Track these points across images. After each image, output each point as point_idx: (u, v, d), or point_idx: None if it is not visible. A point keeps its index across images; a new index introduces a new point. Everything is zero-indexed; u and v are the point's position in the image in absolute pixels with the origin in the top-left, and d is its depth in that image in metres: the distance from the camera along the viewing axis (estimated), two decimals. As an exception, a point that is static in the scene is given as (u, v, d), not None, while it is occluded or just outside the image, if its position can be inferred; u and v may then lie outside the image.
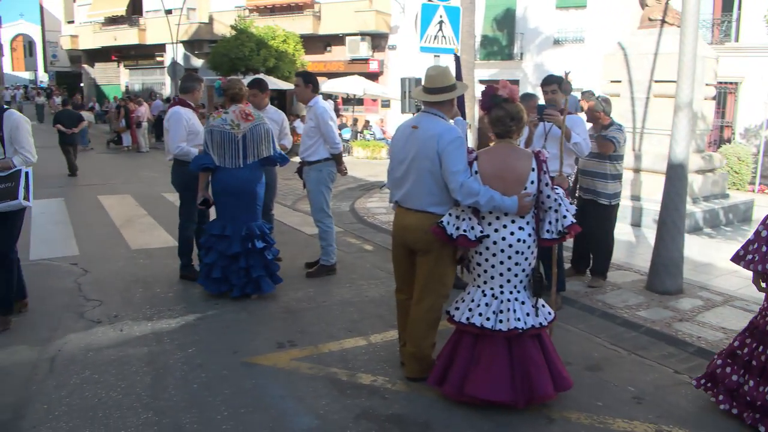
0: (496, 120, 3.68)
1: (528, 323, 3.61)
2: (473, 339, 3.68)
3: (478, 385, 3.56)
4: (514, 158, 3.64)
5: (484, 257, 3.66)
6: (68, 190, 11.37)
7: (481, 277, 3.72)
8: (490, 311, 3.62)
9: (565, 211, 3.62)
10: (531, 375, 3.58)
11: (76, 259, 6.76)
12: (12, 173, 4.59)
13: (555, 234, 3.64)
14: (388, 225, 8.79)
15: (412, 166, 3.85)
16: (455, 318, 3.75)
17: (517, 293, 3.67)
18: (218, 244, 5.43)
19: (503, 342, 3.60)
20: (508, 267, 3.63)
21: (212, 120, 5.43)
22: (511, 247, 3.59)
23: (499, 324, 3.58)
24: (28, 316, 5.05)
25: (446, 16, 8.68)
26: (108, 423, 3.45)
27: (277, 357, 4.36)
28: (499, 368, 3.57)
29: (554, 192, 3.63)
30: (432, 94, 3.89)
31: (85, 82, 40.55)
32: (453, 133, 3.75)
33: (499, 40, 21.95)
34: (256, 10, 26.92)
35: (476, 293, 3.72)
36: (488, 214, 3.64)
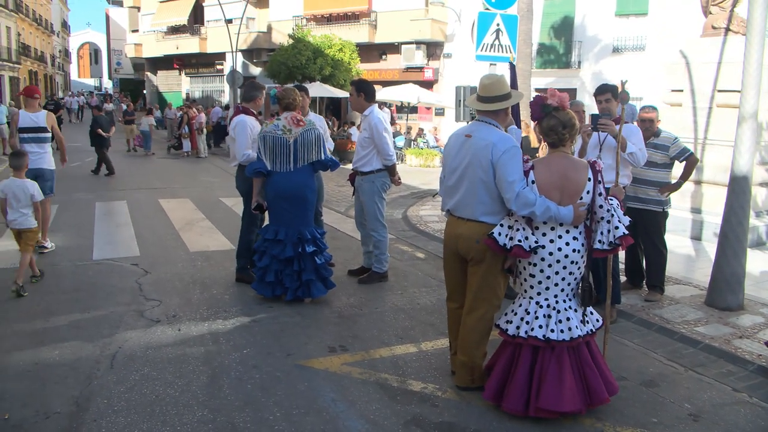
0: (549, 129, 3.65)
1: (583, 330, 3.60)
2: (533, 352, 3.64)
3: (551, 399, 3.49)
4: (571, 169, 3.60)
5: (539, 268, 3.62)
6: (130, 194, 11.79)
7: (534, 288, 3.68)
8: (553, 322, 3.58)
9: (617, 222, 3.56)
10: (589, 380, 3.58)
11: (137, 260, 7.00)
12: None
13: (606, 245, 3.59)
14: (441, 233, 8.78)
15: (465, 175, 3.85)
16: (509, 332, 3.69)
17: (570, 301, 3.65)
18: (272, 248, 5.55)
19: (566, 352, 3.58)
20: (563, 277, 3.60)
21: (265, 126, 5.58)
22: (566, 258, 3.56)
23: (562, 334, 3.56)
24: (91, 313, 5.27)
25: (503, 24, 8.64)
26: (165, 419, 3.56)
27: (329, 361, 4.42)
28: (569, 379, 3.53)
29: (608, 203, 3.59)
30: (486, 102, 3.87)
31: (148, 89, 41.99)
32: (508, 143, 3.72)
33: (556, 48, 21.68)
34: (313, 19, 27.37)
35: (530, 305, 3.68)
36: (542, 224, 3.61)
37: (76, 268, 6.66)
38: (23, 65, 43.67)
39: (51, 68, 56.93)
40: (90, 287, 5.98)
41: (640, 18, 19.51)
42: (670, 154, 5.89)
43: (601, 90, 5.49)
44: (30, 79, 46.99)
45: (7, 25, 39.19)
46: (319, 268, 5.61)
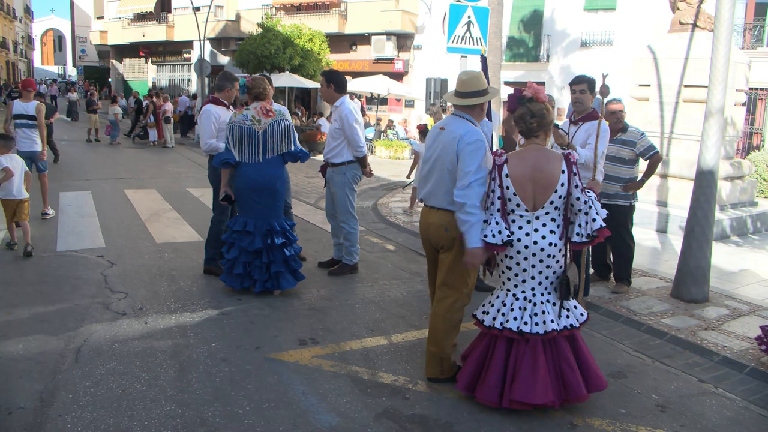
0: (518, 118, 3.67)
1: (561, 324, 3.61)
2: (507, 344, 3.66)
3: (524, 391, 3.51)
4: (544, 161, 3.60)
5: (515, 261, 3.63)
6: (95, 184, 11.53)
7: (511, 280, 3.69)
8: (527, 315, 3.60)
9: (595, 214, 3.58)
10: (565, 376, 3.59)
11: (103, 251, 6.85)
12: None
13: (585, 237, 3.60)
14: (411, 225, 8.79)
15: (435, 166, 3.95)
16: (486, 323, 3.71)
17: (548, 295, 3.66)
18: (240, 240, 5.48)
19: (541, 345, 3.59)
20: (540, 270, 3.61)
21: (234, 116, 5.49)
22: (542, 251, 3.57)
23: (536, 327, 3.57)
24: (56, 306, 5.14)
25: (474, 16, 8.65)
26: (132, 414, 3.49)
27: (299, 354, 4.38)
28: (543, 371, 3.55)
29: (585, 194, 3.60)
30: (462, 98, 3.94)
31: (113, 77, 41.14)
32: (474, 136, 3.77)
33: (525, 42, 21.83)
34: (282, 8, 27.09)
35: (507, 297, 3.70)
36: (518, 218, 3.61)
37: (39, 259, 6.48)
38: (-17, 51, 42.42)
39: (13, 55, 55.36)
40: (54, 279, 5.84)
41: (608, 13, 19.75)
42: (636, 150, 5.94)
43: (578, 80, 5.48)
44: (-10, 65, 45.68)
45: (-35, 9, 37.99)
46: (288, 260, 5.55)
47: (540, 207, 3.57)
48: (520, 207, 3.59)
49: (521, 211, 3.60)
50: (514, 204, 3.60)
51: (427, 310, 5.35)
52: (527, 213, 3.59)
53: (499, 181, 3.61)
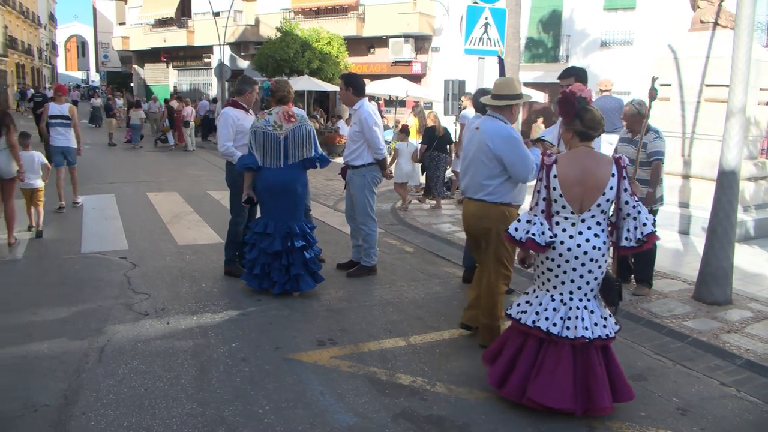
0: (595, 122, 3.62)
1: (595, 333, 3.56)
2: (538, 343, 3.65)
3: (541, 391, 3.51)
4: (594, 164, 3.57)
5: (556, 263, 3.61)
6: (118, 187, 11.70)
7: (550, 281, 3.67)
8: (558, 317, 3.58)
9: (644, 218, 3.54)
10: (591, 386, 3.54)
11: (126, 253, 6.96)
12: None
13: (633, 242, 3.56)
14: (429, 227, 8.79)
15: (472, 162, 4.58)
16: (521, 321, 3.72)
17: (587, 301, 3.62)
18: (261, 242, 5.54)
19: (569, 349, 3.56)
20: (581, 274, 3.58)
21: (256, 121, 5.55)
22: (585, 254, 3.55)
23: (566, 331, 3.55)
24: (80, 307, 5.23)
25: (492, 18, 8.66)
26: (154, 412, 3.54)
27: (318, 354, 4.42)
28: (563, 375, 3.52)
29: (633, 199, 3.57)
30: (495, 99, 4.49)
31: (135, 82, 41.65)
32: (505, 131, 4.38)
33: (544, 42, 21.73)
34: (301, 12, 27.26)
35: (544, 297, 3.69)
36: (563, 220, 3.59)
37: (63, 261, 6.61)
38: (10, 58, 43.18)
39: (38, 61, 56.30)
40: (78, 280, 5.94)
41: (628, 12, 19.60)
42: (647, 151, 5.87)
43: (566, 74, 5.46)
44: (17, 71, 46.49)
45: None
46: (308, 262, 5.59)
47: (586, 210, 3.54)
48: (565, 209, 3.57)
49: (566, 213, 3.58)
50: (560, 206, 3.58)
51: (444, 312, 5.37)
52: (573, 215, 3.57)
53: (546, 182, 3.59)
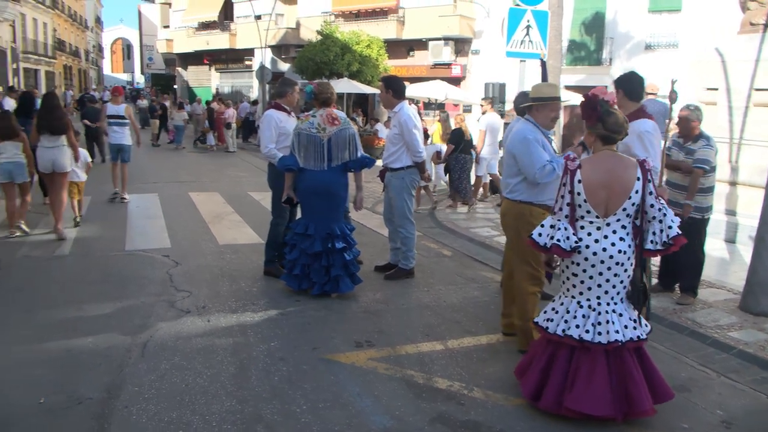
0: (617, 125, 3.58)
1: (626, 336, 3.52)
2: (569, 352, 3.61)
3: (578, 399, 3.47)
4: (620, 167, 3.53)
5: (582, 268, 3.58)
6: (161, 187, 11.95)
7: (576, 287, 3.64)
8: (589, 323, 3.54)
9: (670, 221, 3.50)
10: (629, 390, 3.49)
11: (168, 251, 7.10)
12: None
13: (659, 245, 3.52)
14: (467, 231, 8.75)
15: (505, 160, 4.79)
16: (549, 330, 3.68)
17: (615, 305, 3.58)
18: (301, 242, 5.59)
19: (602, 355, 3.52)
20: (607, 278, 3.54)
21: (300, 123, 5.61)
22: (611, 258, 3.50)
23: (598, 336, 3.51)
24: (123, 303, 5.36)
25: (534, 20, 8.58)
26: (194, 408, 3.61)
27: (355, 356, 4.43)
28: (599, 382, 3.48)
29: (659, 202, 3.52)
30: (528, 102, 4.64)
31: (179, 84, 42.48)
32: (522, 135, 4.51)
33: (587, 45, 21.41)
34: (341, 15, 27.42)
35: (571, 304, 3.65)
36: (588, 224, 3.56)
37: (108, 258, 6.78)
38: (58, 60, 44.52)
39: (85, 63, 57.94)
40: (122, 277, 6.09)
41: (673, 14, 19.17)
42: (693, 158, 5.71)
43: (616, 84, 5.29)
44: (65, 73, 47.88)
45: (43, 21, 40.01)
46: (347, 264, 5.63)
47: (612, 213, 3.50)
48: (590, 213, 3.54)
49: (591, 217, 3.54)
50: (584, 210, 3.55)
51: (482, 317, 5.33)
52: (597, 219, 3.53)
53: (570, 186, 3.56)
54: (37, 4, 37.97)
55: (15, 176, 7.43)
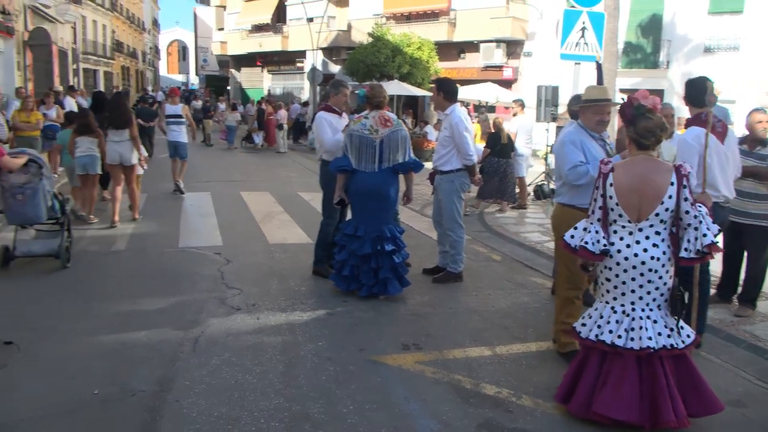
0: (647, 131, 3.54)
1: (659, 343, 3.45)
2: (601, 357, 3.58)
3: (607, 404, 3.44)
4: (653, 171, 3.49)
5: (614, 273, 3.55)
6: (214, 186, 12.21)
7: (610, 293, 3.61)
8: (622, 329, 3.50)
9: (705, 229, 3.40)
10: (656, 398, 3.43)
11: (220, 249, 7.24)
12: None
13: (693, 253, 3.43)
14: (517, 235, 8.65)
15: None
16: (582, 335, 3.67)
17: (650, 311, 3.52)
18: (351, 244, 5.62)
19: (634, 361, 3.47)
20: (640, 284, 3.49)
21: (352, 125, 5.65)
22: (643, 264, 3.45)
23: (631, 342, 3.46)
24: (177, 298, 5.49)
25: (589, 22, 8.42)
26: (243, 404, 3.66)
27: (402, 358, 4.42)
28: (628, 387, 3.44)
29: (695, 209, 3.43)
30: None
31: (232, 85, 43.31)
32: (561, 137, 4.60)
33: (643, 47, 20.90)
34: (392, 17, 27.47)
35: (605, 309, 3.62)
36: (620, 229, 3.53)
37: (162, 254, 6.96)
38: (116, 61, 45.96)
39: (142, 64, 59.66)
40: (176, 273, 6.24)
41: (734, 16, 18.53)
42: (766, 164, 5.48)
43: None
44: (123, 74, 49.40)
45: (103, 23, 41.38)
46: (396, 266, 5.62)
47: (644, 219, 3.46)
48: (622, 218, 3.51)
49: (623, 221, 3.51)
50: (616, 214, 3.53)
51: (532, 324, 5.26)
52: (630, 224, 3.50)
53: (602, 190, 3.55)
54: (97, 7, 39.29)
55: (89, 168, 8.16)
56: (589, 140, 4.45)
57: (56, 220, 6.49)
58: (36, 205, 6.10)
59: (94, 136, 8.20)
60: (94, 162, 8.18)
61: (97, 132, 8.25)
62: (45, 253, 6.27)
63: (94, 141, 8.17)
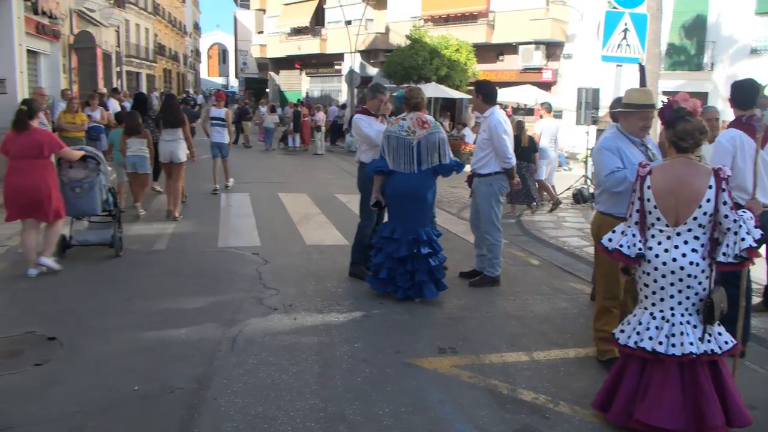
0: (685, 134, 3.48)
1: (701, 348, 3.38)
2: (641, 364, 3.52)
3: (649, 412, 3.37)
4: (690, 174, 3.42)
5: (652, 278, 3.49)
6: (252, 187, 12.36)
7: (648, 298, 3.55)
8: (662, 335, 3.43)
9: (745, 233, 3.31)
10: (701, 404, 3.35)
11: (258, 249, 7.32)
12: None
13: (731, 257, 3.34)
14: (556, 240, 8.53)
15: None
16: (620, 341, 3.61)
17: (689, 316, 3.45)
18: (387, 246, 5.62)
19: (676, 367, 3.40)
20: (679, 289, 3.42)
21: (390, 126, 5.66)
22: (682, 270, 3.38)
23: (672, 348, 3.39)
24: (216, 297, 5.57)
25: (632, 23, 8.28)
26: (279, 404, 3.68)
27: (438, 362, 4.40)
28: (671, 394, 3.37)
29: (735, 213, 3.34)
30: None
31: (271, 87, 43.80)
32: (598, 144, 4.50)
33: (687, 49, 20.43)
34: (430, 19, 27.41)
35: (644, 315, 3.56)
36: (658, 233, 3.47)
37: (201, 254, 7.07)
38: (159, 64, 46.94)
39: (183, 67, 60.80)
40: (214, 273, 6.33)
41: (784, 17, 17.98)
42: None
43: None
44: (164, 76, 50.42)
45: (146, 26, 42.34)
46: (432, 270, 5.60)
47: (682, 223, 3.39)
48: (660, 221, 3.45)
49: (661, 225, 3.46)
50: (654, 218, 3.48)
51: (570, 330, 5.18)
52: (667, 228, 3.44)
53: (640, 193, 3.51)
54: (140, 11, 40.21)
55: (138, 167, 8.67)
56: (628, 145, 4.33)
57: (109, 212, 6.99)
58: (92, 198, 6.60)
59: (142, 136, 8.70)
60: (143, 161, 8.67)
61: (144, 132, 8.77)
62: (99, 242, 6.81)
63: (143, 141, 8.67)
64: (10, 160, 5.98)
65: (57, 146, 6.13)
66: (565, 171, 18.48)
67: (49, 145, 6.02)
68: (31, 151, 5.92)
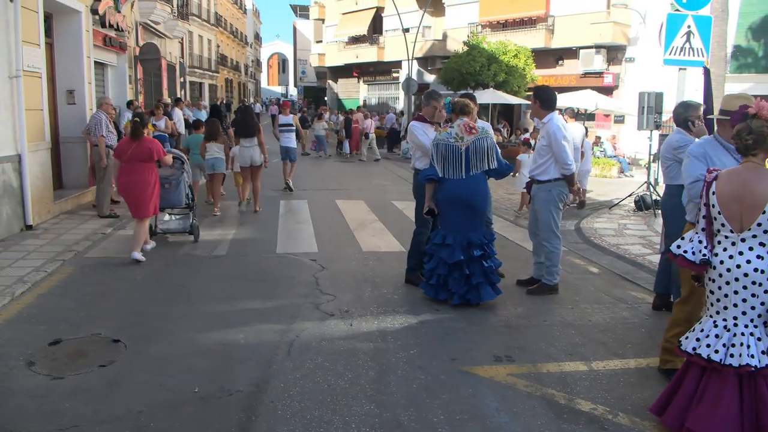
0: (735, 134, 3.44)
1: (762, 362, 3.25)
2: (700, 371, 3.44)
3: (701, 421, 3.28)
4: (754, 179, 3.30)
5: (717, 285, 3.41)
6: (310, 194, 12.55)
7: (713, 306, 3.46)
8: (720, 344, 3.34)
9: None
10: (761, 420, 3.21)
11: (315, 255, 7.43)
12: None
13: None
14: (616, 248, 8.33)
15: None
16: (682, 346, 3.56)
17: (754, 327, 3.33)
18: (439, 252, 5.62)
19: (734, 378, 3.29)
20: (743, 298, 3.31)
21: (438, 134, 5.68)
22: (746, 276, 3.28)
23: (730, 358, 3.29)
24: (273, 302, 5.67)
25: (695, 26, 8.06)
26: (335, 409, 3.72)
27: (494, 370, 4.36)
28: (727, 405, 3.25)
29: None
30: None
31: (329, 96, 44.40)
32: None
33: (754, 51, 19.62)
34: (488, 25, 27.25)
35: (707, 323, 3.48)
36: (724, 239, 3.38)
37: (260, 259, 7.22)
38: (221, 74, 48.28)
39: (244, 77, 62.34)
40: (272, 278, 6.46)
41: None
42: None
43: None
44: (226, 86, 51.79)
45: (208, 37, 43.64)
46: (486, 271, 5.59)
47: (746, 228, 3.29)
48: (725, 227, 3.37)
49: (726, 231, 3.37)
50: (719, 224, 3.40)
51: (631, 339, 5.05)
52: (732, 234, 3.34)
53: (706, 199, 3.45)
54: (203, 23, 41.50)
55: (216, 168, 9.96)
56: (722, 153, 4.16)
57: (188, 205, 8.04)
58: (179, 193, 7.88)
59: (220, 141, 9.95)
60: (220, 163, 9.97)
61: (222, 138, 10.05)
62: (180, 230, 8.03)
63: (220, 146, 9.92)
64: (123, 163, 7.04)
65: (163, 152, 7.18)
66: (627, 177, 18.01)
67: (157, 152, 7.07)
68: (142, 156, 6.96)
